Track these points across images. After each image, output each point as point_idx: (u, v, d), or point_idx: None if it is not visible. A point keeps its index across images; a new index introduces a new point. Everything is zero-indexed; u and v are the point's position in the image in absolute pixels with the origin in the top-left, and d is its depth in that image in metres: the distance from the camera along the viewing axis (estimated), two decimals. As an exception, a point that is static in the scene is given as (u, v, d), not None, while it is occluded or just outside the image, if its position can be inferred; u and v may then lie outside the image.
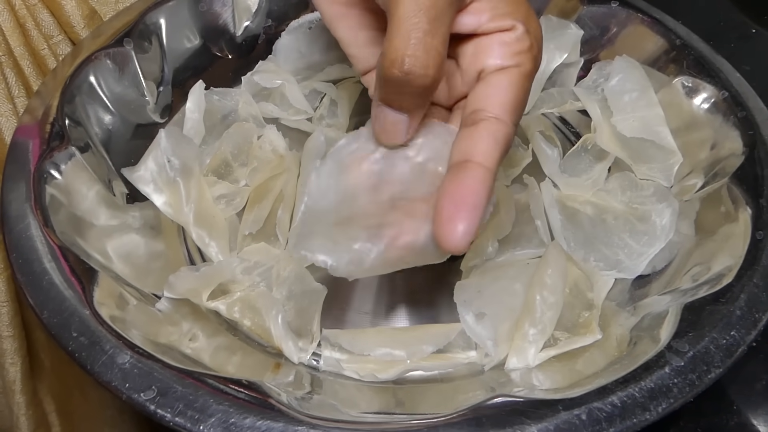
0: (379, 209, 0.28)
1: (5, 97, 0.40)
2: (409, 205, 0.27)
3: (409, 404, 0.31)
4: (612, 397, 0.27)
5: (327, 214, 0.28)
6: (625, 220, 0.38)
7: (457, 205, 0.24)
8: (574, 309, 0.34)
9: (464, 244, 0.24)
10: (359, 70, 0.32)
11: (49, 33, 0.44)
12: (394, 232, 0.27)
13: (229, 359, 0.32)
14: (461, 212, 0.24)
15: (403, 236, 0.27)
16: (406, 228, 0.27)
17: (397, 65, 0.24)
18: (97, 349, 0.28)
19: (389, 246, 0.27)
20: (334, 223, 0.28)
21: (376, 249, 0.27)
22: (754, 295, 0.30)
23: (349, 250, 0.27)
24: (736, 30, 0.57)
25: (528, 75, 0.26)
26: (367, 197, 0.28)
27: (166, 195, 0.36)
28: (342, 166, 0.29)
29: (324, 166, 0.29)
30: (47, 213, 0.33)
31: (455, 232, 0.24)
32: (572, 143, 0.44)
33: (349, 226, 0.27)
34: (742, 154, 0.37)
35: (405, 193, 0.28)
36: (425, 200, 0.27)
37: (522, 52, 0.26)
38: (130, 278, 0.34)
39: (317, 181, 0.29)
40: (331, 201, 0.28)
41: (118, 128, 0.40)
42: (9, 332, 0.39)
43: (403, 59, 0.24)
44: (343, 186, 0.29)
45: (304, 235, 0.28)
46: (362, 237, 0.27)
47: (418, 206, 0.27)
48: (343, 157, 0.29)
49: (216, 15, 0.47)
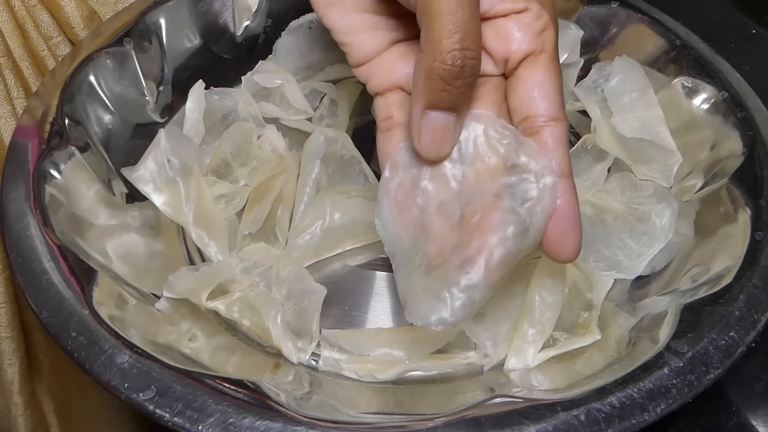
0: (457, 233, 0.27)
1: (4, 99, 0.40)
2: (482, 217, 0.27)
3: (408, 404, 0.31)
4: (611, 398, 0.27)
5: (412, 259, 0.28)
6: (624, 220, 0.38)
7: (562, 223, 0.26)
8: (574, 309, 0.34)
9: (577, 254, 0.27)
10: (354, 61, 0.31)
11: (49, 34, 0.44)
12: (485, 255, 0.26)
13: (228, 359, 0.32)
14: (568, 228, 0.26)
15: (495, 253, 0.26)
16: (493, 244, 0.26)
17: (450, 61, 0.24)
18: (96, 348, 0.28)
19: (488, 270, 0.26)
20: (424, 270, 0.27)
21: (477, 279, 0.26)
22: (753, 296, 0.30)
23: (456, 296, 0.26)
24: (736, 30, 0.57)
25: (555, 56, 0.27)
26: (439, 225, 0.27)
27: (165, 195, 0.36)
28: (398, 203, 0.28)
29: (381, 209, 0.28)
30: (47, 212, 0.33)
31: (569, 247, 0.27)
32: (572, 143, 0.44)
33: (441, 270, 0.27)
34: (742, 155, 0.37)
35: (471, 204, 0.27)
36: (494, 204, 0.27)
37: (543, 31, 0.27)
38: (130, 278, 0.34)
39: (384, 228, 0.28)
40: (407, 243, 0.28)
41: (118, 128, 0.40)
42: (7, 333, 0.40)
43: (456, 54, 0.24)
44: (410, 224, 0.28)
45: (411, 301, 0.27)
46: (460, 276, 0.26)
47: (490, 217, 0.26)
48: (395, 194, 0.28)
49: (216, 15, 0.47)
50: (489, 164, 0.27)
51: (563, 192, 0.26)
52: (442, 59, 0.24)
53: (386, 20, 0.29)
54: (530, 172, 0.26)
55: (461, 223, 0.27)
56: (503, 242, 0.26)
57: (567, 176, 0.26)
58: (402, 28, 0.29)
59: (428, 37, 0.24)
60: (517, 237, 0.26)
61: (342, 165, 0.40)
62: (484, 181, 0.27)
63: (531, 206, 0.26)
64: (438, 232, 0.27)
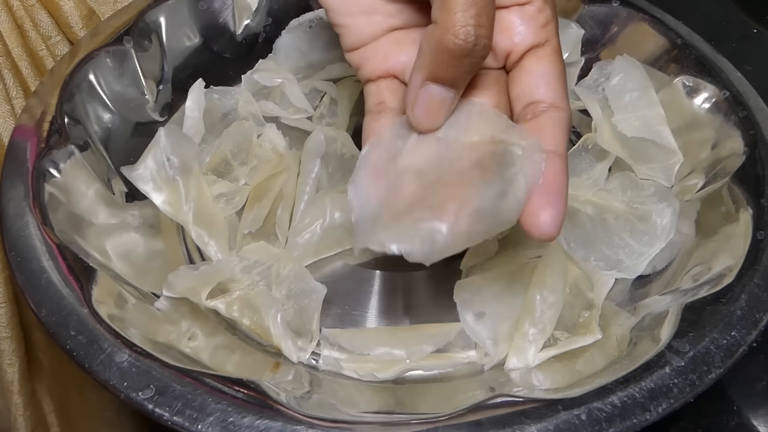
0: (431, 190, 0.26)
1: (3, 99, 0.40)
2: (460, 176, 0.26)
3: (408, 404, 0.31)
4: (612, 397, 0.27)
5: (379, 214, 0.26)
6: (625, 219, 0.38)
7: (543, 194, 0.25)
8: (574, 309, 0.34)
9: (557, 231, 0.25)
10: (348, 44, 0.30)
11: (48, 33, 0.43)
12: (457, 203, 0.25)
13: (228, 358, 0.32)
14: (550, 200, 0.25)
15: (468, 204, 0.25)
16: (467, 196, 0.25)
17: (462, 35, 0.23)
18: (95, 347, 0.28)
19: (457, 217, 0.25)
20: (391, 216, 0.26)
21: (445, 223, 0.25)
22: (755, 295, 0.30)
23: (418, 232, 0.25)
24: (738, 30, 0.57)
25: (558, 48, 0.27)
26: (413, 185, 0.26)
27: (165, 194, 0.36)
28: (376, 170, 0.28)
29: (357, 175, 0.28)
30: (46, 211, 0.33)
31: (547, 220, 0.25)
32: (573, 143, 0.43)
33: (409, 212, 0.25)
34: (743, 154, 0.36)
35: (451, 168, 0.26)
36: (475, 168, 0.26)
37: (547, 24, 0.27)
38: (129, 277, 0.34)
39: (355, 192, 0.27)
40: (377, 203, 0.27)
41: (118, 126, 0.40)
42: (7, 333, 0.39)
43: (470, 29, 0.23)
44: (384, 186, 0.27)
45: (364, 233, 0.26)
46: (427, 216, 0.25)
47: (470, 174, 0.26)
48: (374, 161, 0.28)
49: (216, 13, 0.46)
50: (474, 139, 0.27)
51: (552, 166, 0.25)
52: (454, 32, 0.23)
53: (385, 5, 0.29)
54: (517, 145, 0.26)
55: (438, 182, 0.26)
56: (480, 196, 0.25)
57: (560, 155, 0.26)
58: (400, 14, 0.29)
59: (443, 7, 0.24)
60: (493, 197, 0.25)
61: (342, 164, 0.40)
62: (468, 153, 0.26)
63: (514, 173, 0.25)
64: (411, 192, 0.26)
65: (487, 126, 0.27)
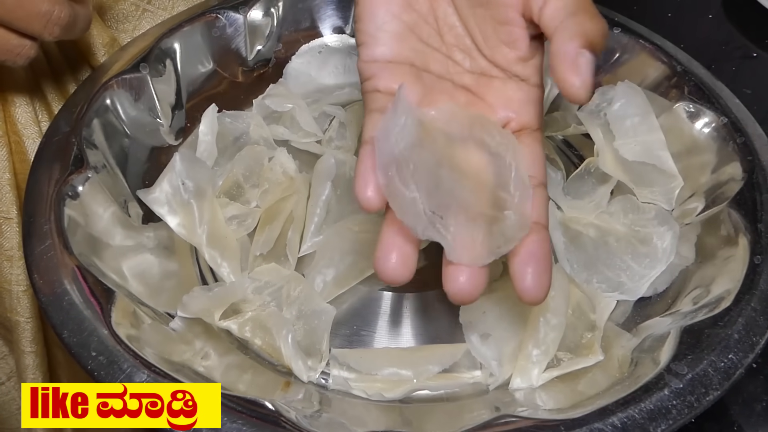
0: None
1: (32, 121, 0.41)
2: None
3: (415, 423, 0.32)
4: (613, 418, 0.27)
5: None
6: (627, 242, 0.38)
7: (529, 261, 0.27)
8: (577, 330, 0.35)
9: (544, 293, 0.27)
10: (367, 56, 0.31)
11: (71, 59, 0.45)
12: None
13: (240, 377, 0.33)
14: (537, 266, 0.27)
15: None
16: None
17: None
18: (115, 368, 0.29)
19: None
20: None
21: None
22: (752, 319, 0.31)
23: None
24: (738, 53, 0.58)
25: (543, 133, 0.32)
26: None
27: (180, 216, 0.37)
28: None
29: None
30: (66, 234, 0.34)
31: (539, 292, 0.27)
32: (576, 166, 0.44)
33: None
34: (742, 179, 0.37)
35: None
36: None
37: (539, 103, 0.31)
38: (144, 297, 0.35)
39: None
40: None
41: (134, 151, 0.42)
42: (31, 348, 0.40)
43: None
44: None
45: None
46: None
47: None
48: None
49: (228, 40, 0.48)
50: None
51: (538, 235, 0.28)
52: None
53: (412, 36, 0.31)
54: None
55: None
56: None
57: (545, 226, 0.28)
58: (426, 59, 0.31)
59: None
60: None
61: (351, 187, 0.41)
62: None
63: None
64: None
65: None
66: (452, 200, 0.27)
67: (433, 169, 0.28)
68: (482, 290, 0.27)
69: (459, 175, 0.28)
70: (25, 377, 0.41)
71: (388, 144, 0.28)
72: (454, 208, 0.27)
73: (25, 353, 0.40)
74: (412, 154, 0.27)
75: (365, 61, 0.31)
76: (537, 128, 0.30)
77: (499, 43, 0.30)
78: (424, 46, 0.31)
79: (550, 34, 0.27)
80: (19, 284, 0.40)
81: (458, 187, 0.28)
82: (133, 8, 0.47)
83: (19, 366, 0.41)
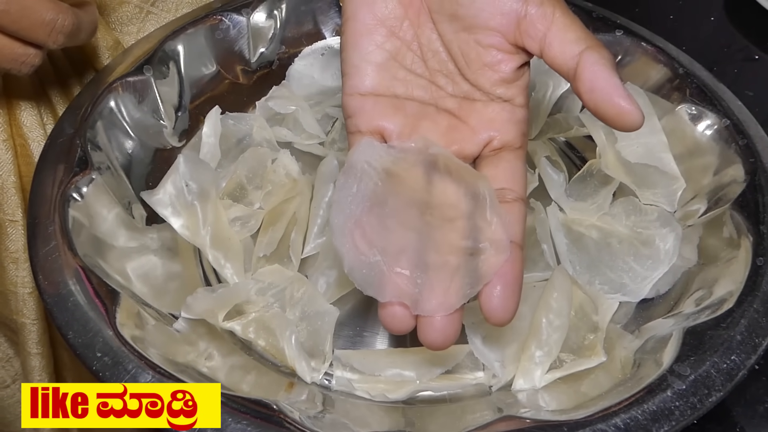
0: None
1: (38, 124, 0.41)
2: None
3: (418, 424, 0.32)
4: (615, 419, 0.27)
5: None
6: (629, 244, 0.38)
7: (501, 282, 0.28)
8: (580, 331, 0.35)
9: (510, 315, 0.28)
10: (351, 88, 0.31)
11: (75, 61, 0.45)
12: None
13: (243, 378, 0.33)
14: (506, 297, 0.27)
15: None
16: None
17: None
18: (120, 368, 0.29)
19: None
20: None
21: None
22: (754, 320, 0.31)
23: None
24: (740, 56, 0.58)
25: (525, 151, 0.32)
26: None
27: (183, 218, 0.37)
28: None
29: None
30: (70, 235, 0.34)
31: (505, 314, 0.27)
32: (578, 168, 0.45)
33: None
34: (744, 182, 0.37)
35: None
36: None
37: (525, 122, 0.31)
38: (148, 298, 0.35)
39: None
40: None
41: (138, 152, 0.42)
42: (38, 350, 0.40)
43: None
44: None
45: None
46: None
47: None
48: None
49: (232, 42, 0.48)
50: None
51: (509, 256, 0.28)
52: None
53: (400, 70, 0.31)
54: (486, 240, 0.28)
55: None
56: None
57: (520, 245, 0.29)
58: (408, 83, 0.31)
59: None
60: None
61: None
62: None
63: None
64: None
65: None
66: (420, 247, 0.28)
67: (399, 220, 0.28)
68: (458, 333, 0.28)
69: (429, 216, 0.28)
70: (31, 379, 0.41)
71: (342, 215, 0.28)
72: (422, 257, 0.28)
73: (31, 355, 0.40)
74: (369, 218, 0.28)
75: (348, 94, 0.31)
76: (519, 146, 0.31)
77: (482, 66, 0.30)
78: (407, 74, 0.31)
79: (569, 67, 0.28)
80: (24, 286, 0.41)
81: (428, 228, 0.28)
82: (137, 11, 0.47)
83: (26, 368, 0.41)
